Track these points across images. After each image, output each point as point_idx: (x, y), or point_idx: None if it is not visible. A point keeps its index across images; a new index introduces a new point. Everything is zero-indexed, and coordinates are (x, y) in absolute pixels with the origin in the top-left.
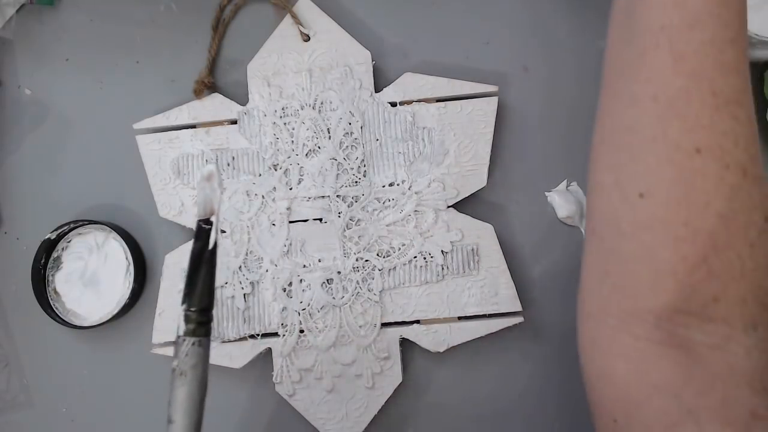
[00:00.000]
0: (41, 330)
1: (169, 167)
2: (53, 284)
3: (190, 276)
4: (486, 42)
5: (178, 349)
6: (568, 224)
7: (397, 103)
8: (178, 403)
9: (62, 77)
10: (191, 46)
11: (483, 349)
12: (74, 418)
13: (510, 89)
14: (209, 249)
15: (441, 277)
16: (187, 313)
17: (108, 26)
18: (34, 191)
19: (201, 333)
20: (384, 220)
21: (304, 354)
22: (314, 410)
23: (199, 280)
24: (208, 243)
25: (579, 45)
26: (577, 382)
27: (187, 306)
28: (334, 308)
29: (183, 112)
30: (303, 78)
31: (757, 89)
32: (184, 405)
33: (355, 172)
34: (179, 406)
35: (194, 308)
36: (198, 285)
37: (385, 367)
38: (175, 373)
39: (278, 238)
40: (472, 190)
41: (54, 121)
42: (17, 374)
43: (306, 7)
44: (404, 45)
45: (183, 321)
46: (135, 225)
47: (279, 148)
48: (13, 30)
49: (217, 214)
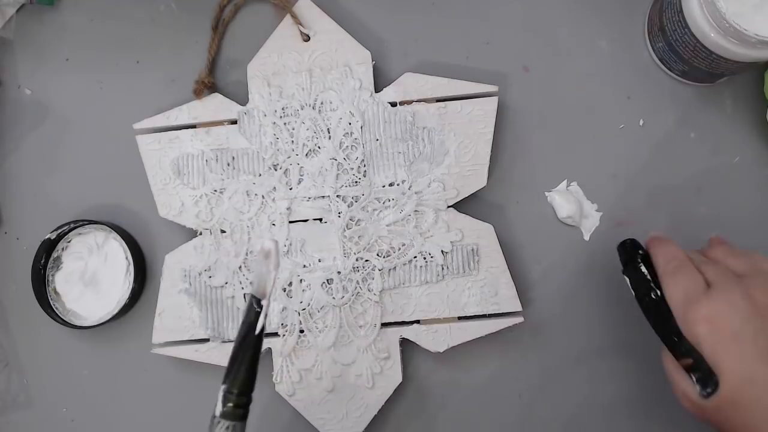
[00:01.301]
0: (41, 330)
1: (169, 167)
2: (53, 284)
3: (235, 356)
4: (486, 42)
5: (212, 430)
6: (568, 224)
7: (397, 103)
8: None
9: (62, 77)
10: (191, 46)
11: (483, 349)
12: (74, 418)
13: (510, 89)
14: (255, 334)
15: (441, 277)
16: (226, 394)
17: (108, 26)
18: (34, 191)
19: (237, 416)
20: (384, 220)
21: (304, 354)
22: (314, 410)
23: (244, 363)
24: (255, 326)
25: (579, 45)
26: (577, 382)
27: (228, 387)
28: (334, 308)
29: (183, 112)
30: (303, 78)
31: (757, 89)
32: None
33: (355, 172)
34: None
35: (234, 390)
36: (242, 368)
37: (385, 367)
38: None
39: (278, 238)
40: (472, 190)
41: (54, 121)
42: (17, 374)
43: (306, 7)
44: (404, 45)
45: (221, 400)
46: (135, 225)
47: (279, 148)
48: (13, 30)
49: (268, 297)
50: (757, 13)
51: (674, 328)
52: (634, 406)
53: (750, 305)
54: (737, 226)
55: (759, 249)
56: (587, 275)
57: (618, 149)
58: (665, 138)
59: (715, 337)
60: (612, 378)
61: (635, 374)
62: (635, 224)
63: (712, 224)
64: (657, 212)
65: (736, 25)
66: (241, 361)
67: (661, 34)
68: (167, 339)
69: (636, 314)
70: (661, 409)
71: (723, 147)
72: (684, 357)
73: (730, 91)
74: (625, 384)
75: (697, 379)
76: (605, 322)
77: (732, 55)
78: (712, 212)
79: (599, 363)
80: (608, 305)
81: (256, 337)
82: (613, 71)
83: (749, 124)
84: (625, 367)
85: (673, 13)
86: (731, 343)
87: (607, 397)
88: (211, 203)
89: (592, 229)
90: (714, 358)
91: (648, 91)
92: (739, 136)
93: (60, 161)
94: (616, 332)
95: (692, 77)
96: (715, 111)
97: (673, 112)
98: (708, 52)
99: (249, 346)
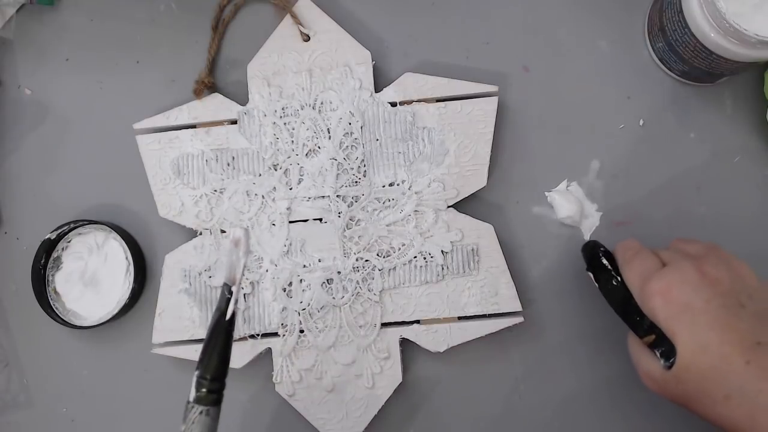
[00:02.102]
0: (41, 330)
1: (169, 167)
2: (53, 284)
3: (207, 342)
4: (486, 42)
5: (186, 415)
6: (568, 224)
7: (397, 103)
8: None
9: (62, 77)
10: (191, 46)
11: (483, 349)
12: (74, 418)
13: (510, 89)
14: (226, 319)
15: (441, 277)
16: (199, 379)
17: (108, 26)
18: (34, 191)
19: (210, 401)
20: (384, 220)
21: (304, 354)
22: (314, 410)
23: (215, 348)
24: (226, 312)
25: (579, 45)
26: (577, 382)
27: (201, 372)
28: (334, 308)
29: (183, 112)
30: (303, 78)
31: (757, 89)
32: None
33: (355, 172)
34: None
35: (207, 376)
36: (213, 353)
37: (385, 367)
38: None
39: (278, 238)
40: (472, 190)
41: (54, 121)
42: (17, 374)
43: (306, 7)
44: (404, 45)
45: (194, 386)
46: (135, 225)
47: (279, 148)
48: (13, 30)
49: (238, 284)
50: (757, 13)
51: (635, 308)
52: (634, 405)
53: (701, 277)
54: (737, 225)
55: (759, 249)
56: (587, 275)
57: (618, 149)
58: (665, 138)
59: (669, 307)
60: (613, 377)
61: (636, 374)
62: (635, 224)
63: (712, 224)
64: (657, 212)
65: (736, 25)
66: (213, 347)
67: (661, 34)
68: (167, 339)
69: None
70: (663, 407)
71: (723, 147)
72: (647, 335)
73: (730, 91)
74: (625, 384)
75: (661, 354)
76: (605, 322)
77: (732, 55)
78: (712, 212)
79: (599, 362)
80: (608, 305)
81: (227, 322)
82: (613, 71)
83: (749, 124)
84: (625, 367)
85: (673, 13)
86: (683, 313)
87: (607, 396)
88: (211, 203)
89: (592, 229)
90: (669, 329)
91: (648, 91)
92: (739, 136)
93: (60, 161)
94: (616, 332)
95: (692, 77)
96: (715, 111)
97: (673, 112)
98: (708, 52)
99: (220, 332)
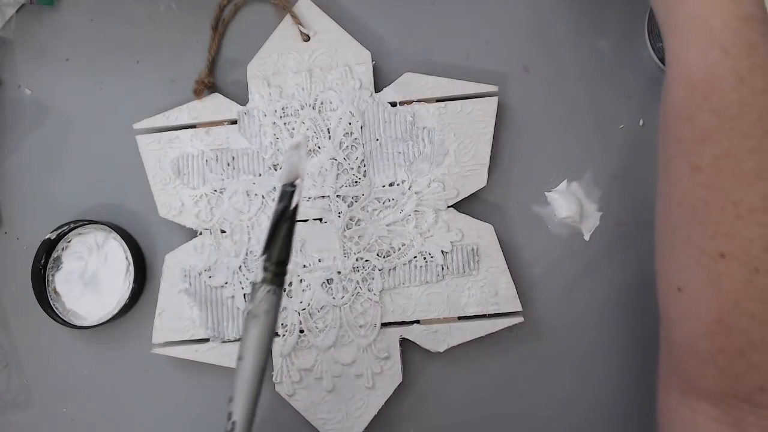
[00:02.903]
0: (41, 330)
1: (169, 167)
2: (53, 284)
3: (272, 231)
4: (486, 42)
5: (254, 294)
6: (568, 224)
7: (397, 103)
8: (249, 343)
9: (62, 77)
10: (191, 46)
11: (483, 349)
12: (74, 418)
13: (510, 89)
14: (291, 208)
15: (441, 277)
16: (266, 264)
17: (108, 26)
18: (34, 191)
19: (276, 282)
20: (384, 220)
21: (304, 354)
22: (314, 410)
23: (280, 235)
24: (290, 203)
25: (579, 45)
26: (576, 382)
27: (267, 258)
28: (334, 308)
29: (183, 112)
30: (303, 78)
31: None
32: (254, 345)
33: (355, 172)
34: (250, 346)
35: (273, 260)
36: (279, 239)
37: (385, 367)
38: (249, 315)
39: None
40: (472, 190)
41: (54, 121)
42: (17, 374)
43: (306, 7)
44: (404, 45)
45: (261, 270)
46: (135, 225)
47: (279, 148)
48: (13, 30)
49: (302, 178)
50: None
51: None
52: (634, 405)
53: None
54: None
55: None
56: (587, 275)
57: (618, 149)
58: None
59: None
60: (613, 377)
61: (636, 374)
62: (635, 224)
63: None
64: None
65: None
66: (279, 234)
67: (661, 34)
68: (167, 339)
69: (635, 313)
70: None
71: None
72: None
73: None
74: (626, 383)
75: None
76: (605, 321)
77: None
78: None
79: (600, 363)
80: (608, 305)
81: (292, 211)
82: (613, 71)
83: None
84: (625, 366)
85: None
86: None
87: (608, 396)
88: (211, 203)
89: (592, 229)
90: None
91: (648, 91)
92: None
93: (60, 161)
94: (617, 332)
95: None
96: None
97: None
98: None
99: (286, 219)
